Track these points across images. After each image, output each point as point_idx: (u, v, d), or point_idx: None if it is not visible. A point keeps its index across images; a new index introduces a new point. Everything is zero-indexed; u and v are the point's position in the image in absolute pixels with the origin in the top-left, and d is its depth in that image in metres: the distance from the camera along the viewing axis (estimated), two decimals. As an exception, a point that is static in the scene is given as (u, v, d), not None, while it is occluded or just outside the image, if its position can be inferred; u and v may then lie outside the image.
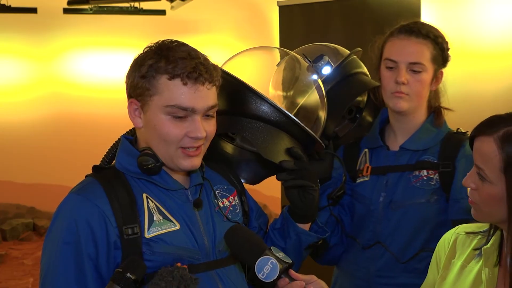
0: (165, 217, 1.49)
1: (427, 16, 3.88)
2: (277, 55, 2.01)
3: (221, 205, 1.62)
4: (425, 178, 1.96)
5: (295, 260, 1.54)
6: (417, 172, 1.98)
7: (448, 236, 1.60)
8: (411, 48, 1.94)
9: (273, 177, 1.80)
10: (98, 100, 7.49)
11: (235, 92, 1.68)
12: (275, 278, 1.40)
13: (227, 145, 1.90)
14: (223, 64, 1.78)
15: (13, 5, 6.44)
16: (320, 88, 1.87)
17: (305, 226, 1.72)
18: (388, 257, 1.98)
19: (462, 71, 4.30)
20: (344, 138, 2.17)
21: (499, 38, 4.35)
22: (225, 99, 1.65)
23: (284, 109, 1.68)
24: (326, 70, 2.01)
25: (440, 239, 1.62)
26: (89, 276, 1.42)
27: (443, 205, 1.95)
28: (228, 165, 1.79)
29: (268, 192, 5.59)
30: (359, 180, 2.07)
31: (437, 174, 1.95)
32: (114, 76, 7.12)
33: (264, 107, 1.66)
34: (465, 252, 1.53)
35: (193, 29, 7.20)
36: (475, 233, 1.55)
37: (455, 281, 1.51)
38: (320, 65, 2.00)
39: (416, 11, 3.51)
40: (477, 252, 1.50)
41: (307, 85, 1.89)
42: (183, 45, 1.50)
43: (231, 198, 1.66)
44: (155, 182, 1.52)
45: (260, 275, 1.40)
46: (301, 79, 1.91)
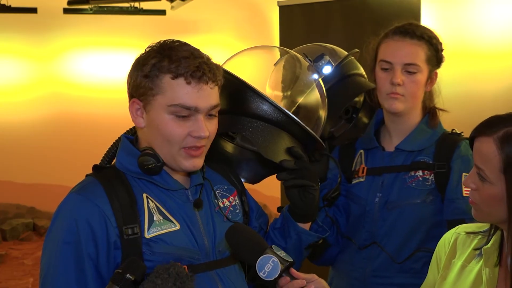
0: (165, 217, 1.49)
1: (427, 16, 3.89)
2: (277, 54, 2.00)
3: (221, 205, 1.61)
4: (421, 178, 1.96)
5: (295, 260, 1.54)
6: (412, 173, 1.97)
7: (448, 236, 1.60)
8: (406, 49, 1.94)
9: (273, 177, 1.80)
10: (98, 100, 7.49)
11: (236, 91, 1.67)
12: (276, 276, 1.40)
13: (227, 144, 1.90)
14: (223, 64, 1.78)
15: (13, 5, 6.44)
16: (321, 87, 1.86)
17: (306, 226, 1.72)
18: (384, 257, 1.98)
19: (462, 71, 4.31)
20: (339, 139, 2.17)
21: (499, 38, 4.36)
22: (225, 98, 1.65)
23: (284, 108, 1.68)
24: (326, 70, 2.01)
25: (441, 239, 1.62)
26: (89, 276, 1.42)
27: (439, 206, 1.95)
28: (228, 165, 1.79)
29: (268, 192, 5.58)
30: (354, 181, 2.07)
31: (432, 175, 1.95)
32: (114, 76, 7.12)
33: (265, 107, 1.66)
34: (465, 252, 1.53)
35: (193, 29, 7.20)
36: (475, 233, 1.55)
37: (456, 281, 1.51)
38: (321, 64, 2.00)
39: (416, 11, 3.50)
40: (477, 252, 1.50)
41: (308, 84, 1.89)
42: (185, 44, 1.50)
43: (231, 198, 1.66)
44: (155, 182, 1.52)
45: (261, 274, 1.40)
46: (301, 78, 1.91)
